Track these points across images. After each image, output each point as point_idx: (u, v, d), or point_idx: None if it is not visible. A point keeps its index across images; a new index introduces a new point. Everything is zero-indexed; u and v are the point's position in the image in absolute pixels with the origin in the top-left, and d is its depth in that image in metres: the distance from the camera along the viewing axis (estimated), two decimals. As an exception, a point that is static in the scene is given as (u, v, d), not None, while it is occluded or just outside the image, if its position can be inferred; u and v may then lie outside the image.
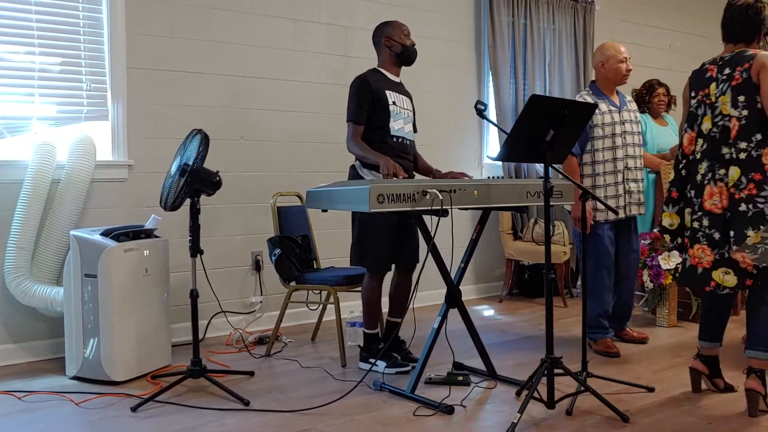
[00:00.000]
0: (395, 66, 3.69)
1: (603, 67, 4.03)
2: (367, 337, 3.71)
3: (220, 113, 4.51)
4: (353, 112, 3.55)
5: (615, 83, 4.05)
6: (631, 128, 4.03)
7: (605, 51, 4.03)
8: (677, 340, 4.28)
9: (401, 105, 3.64)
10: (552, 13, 6.02)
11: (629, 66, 4.04)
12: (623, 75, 4.02)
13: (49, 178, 3.83)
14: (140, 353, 3.56)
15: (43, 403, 3.21)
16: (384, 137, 3.56)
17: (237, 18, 4.57)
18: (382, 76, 3.65)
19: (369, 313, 3.67)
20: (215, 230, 4.48)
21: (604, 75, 4.04)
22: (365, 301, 3.67)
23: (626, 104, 4.09)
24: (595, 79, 4.11)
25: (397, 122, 3.60)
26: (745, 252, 2.90)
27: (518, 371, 3.57)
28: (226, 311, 4.43)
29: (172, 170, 3.33)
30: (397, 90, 3.66)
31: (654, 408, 3.08)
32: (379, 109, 3.55)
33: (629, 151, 4.01)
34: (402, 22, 3.70)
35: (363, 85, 3.55)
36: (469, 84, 5.72)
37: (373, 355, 3.63)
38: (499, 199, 3.25)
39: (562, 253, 5.36)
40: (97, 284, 3.45)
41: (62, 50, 4.03)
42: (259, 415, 3.03)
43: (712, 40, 7.60)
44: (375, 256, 3.57)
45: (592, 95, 4.01)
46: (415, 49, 3.67)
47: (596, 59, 4.08)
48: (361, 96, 3.53)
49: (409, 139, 3.68)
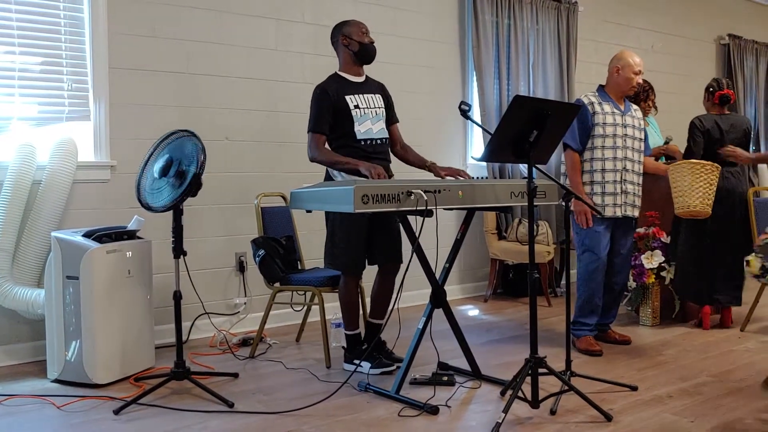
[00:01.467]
0: (355, 65, 3.65)
1: (617, 73, 4.03)
2: (349, 339, 3.71)
3: (204, 113, 4.49)
4: (313, 123, 3.54)
5: (623, 92, 4.07)
6: (633, 133, 4.05)
7: (623, 58, 4.04)
8: (660, 339, 4.31)
9: (366, 105, 3.60)
10: (536, 14, 6.04)
11: (640, 80, 4.07)
12: (632, 87, 4.05)
13: (29, 179, 3.78)
14: (123, 355, 3.53)
15: (24, 406, 3.18)
16: (351, 142, 3.56)
17: (219, 17, 4.54)
18: (342, 81, 3.61)
19: (347, 314, 3.67)
20: (199, 231, 4.46)
21: (615, 81, 4.05)
22: (342, 303, 3.67)
23: (631, 110, 4.12)
24: (605, 83, 4.11)
25: (363, 125, 3.58)
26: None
27: (503, 371, 3.57)
28: (210, 313, 4.40)
29: (155, 170, 3.29)
30: (360, 91, 3.63)
31: (637, 407, 3.10)
32: (342, 116, 3.54)
33: (629, 155, 4.02)
34: (360, 21, 3.68)
35: (321, 95, 3.53)
36: (453, 84, 5.73)
37: (358, 356, 3.63)
38: (484, 199, 3.26)
39: (546, 253, 5.38)
40: (79, 286, 3.41)
41: (43, 50, 3.99)
42: (244, 417, 3.02)
43: (693, 41, 7.69)
44: (347, 258, 3.56)
45: (597, 97, 4.04)
46: (374, 47, 3.64)
47: (613, 63, 4.07)
48: (320, 106, 3.52)
49: (380, 138, 3.64)
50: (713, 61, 7.99)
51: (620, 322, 4.70)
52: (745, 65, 8.11)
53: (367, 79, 3.71)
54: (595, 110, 3.98)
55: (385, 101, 3.74)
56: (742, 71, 8.05)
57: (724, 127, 4.53)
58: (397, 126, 3.83)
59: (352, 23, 3.65)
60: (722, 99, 4.58)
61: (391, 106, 3.78)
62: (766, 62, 8.37)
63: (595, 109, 3.98)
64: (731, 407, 3.10)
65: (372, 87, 3.71)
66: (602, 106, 4.00)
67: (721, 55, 8.03)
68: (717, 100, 4.60)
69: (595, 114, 3.97)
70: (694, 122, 4.55)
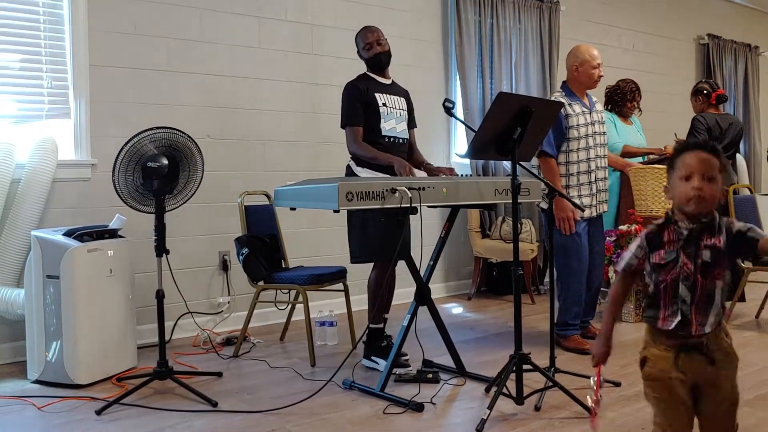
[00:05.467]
0: (376, 70, 3.74)
1: (576, 71, 4.04)
2: (372, 333, 3.69)
3: (185, 111, 4.45)
4: (347, 116, 3.63)
5: (586, 87, 4.08)
6: (599, 129, 4.09)
7: (580, 55, 4.04)
8: (642, 335, 4.33)
9: (392, 105, 3.70)
10: (518, 13, 6.07)
11: (601, 72, 4.07)
12: (595, 80, 4.06)
13: (9, 177, 3.73)
14: (105, 355, 3.50)
15: (3, 408, 3.13)
16: (376, 138, 3.62)
17: (201, 15, 4.51)
18: (371, 80, 3.72)
19: (376, 304, 3.62)
20: (181, 230, 4.42)
21: (576, 78, 4.05)
22: (373, 294, 3.65)
23: (594, 105, 4.13)
24: (567, 81, 4.12)
25: (388, 123, 3.66)
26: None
27: (487, 368, 3.58)
28: (193, 312, 4.37)
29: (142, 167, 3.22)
30: (388, 91, 3.73)
31: (620, 402, 3.13)
32: (370, 111, 3.62)
33: (598, 152, 4.06)
34: (367, 31, 3.72)
35: (352, 89, 3.64)
36: (436, 83, 5.74)
37: (377, 353, 3.63)
38: (468, 196, 3.26)
39: (530, 251, 5.41)
40: (60, 285, 3.37)
41: (22, 47, 3.94)
42: (228, 416, 3.00)
43: (673, 41, 7.77)
44: (382, 247, 3.53)
45: (565, 96, 4.03)
46: (379, 57, 3.69)
47: (570, 61, 4.08)
48: (352, 100, 3.62)
49: (402, 138, 3.74)
50: (692, 61, 8.07)
51: (601, 318, 4.73)
52: (723, 65, 8.21)
53: (393, 83, 3.80)
54: (567, 112, 3.95)
55: (408, 106, 3.83)
56: (721, 71, 8.14)
57: (724, 126, 4.66)
58: (414, 131, 3.90)
59: (362, 34, 3.73)
60: (719, 99, 4.72)
61: (412, 111, 3.87)
62: (744, 62, 8.47)
63: (568, 111, 3.96)
64: (713, 402, 3.13)
65: (398, 90, 3.81)
66: (572, 107, 3.99)
67: (700, 54, 8.12)
68: (714, 100, 4.71)
69: (568, 116, 3.95)
70: (697, 118, 4.66)
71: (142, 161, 3.20)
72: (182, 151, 3.31)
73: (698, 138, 4.60)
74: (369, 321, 3.68)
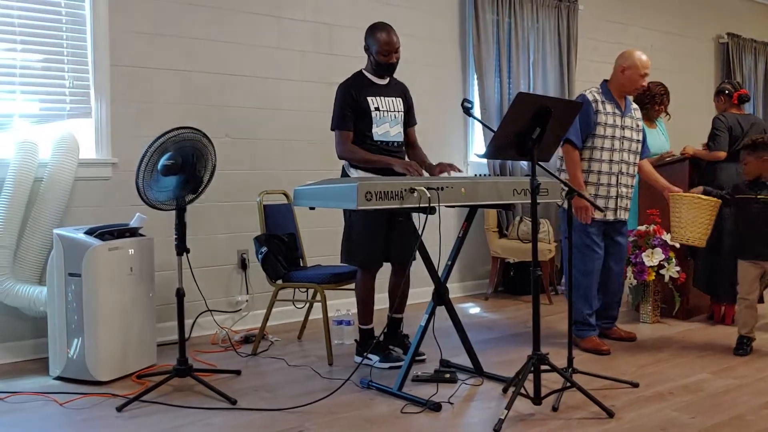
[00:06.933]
0: (377, 71, 3.70)
1: (623, 73, 3.99)
2: (362, 333, 3.73)
3: (205, 111, 4.48)
4: (337, 121, 3.62)
5: (626, 91, 4.04)
6: (630, 135, 4.03)
7: (630, 58, 3.98)
8: (660, 336, 4.32)
9: (386, 108, 3.66)
10: (536, 12, 6.05)
11: (645, 83, 4.02)
12: (636, 88, 4.02)
13: (31, 176, 3.78)
14: (125, 353, 3.53)
15: (26, 404, 3.18)
16: (367, 142, 3.61)
17: (221, 15, 4.54)
18: (365, 81, 3.67)
19: (362, 308, 3.71)
20: (201, 229, 4.45)
21: (619, 79, 4.01)
22: (358, 298, 3.71)
23: (631, 111, 4.08)
24: (609, 80, 4.07)
25: (381, 127, 3.64)
26: None
27: (505, 368, 3.58)
28: (212, 310, 4.40)
29: (159, 167, 3.25)
30: (382, 93, 3.68)
31: (639, 403, 3.11)
32: (362, 116, 3.61)
33: (625, 157, 4.01)
34: (388, 37, 3.60)
35: (344, 94, 3.62)
36: (453, 82, 5.73)
37: (372, 351, 3.65)
38: (487, 196, 3.26)
39: (548, 251, 5.39)
40: (81, 283, 3.41)
41: (44, 47, 3.99)
42: (246, 414, 3.02)
43: (692, 40, 7.70)
44: (364, 254, 3.61)
45: (600, 93, 4.00)
46: (389, 67, 3.64)
47: (619, 62, 4.03)
48: (343, 104, 3.61)
49: (396, 141, 3.71)
50: (712, 60, 8.00)
51: (621, 319, 4.70)
52: (744, 64, 8.12)
53: (390, 82, 3.75)
54: (598, 108, 3.95)
55: (405, 104, 3.79)
56: (741, 70, 8.06)
57: (745, 126, 4.61)
58: (414, 128, 3.87)
59: (378, 38, 3.59)
60: (741, 99, 4.68)
61: (410, 109, 3.83)
62: (764, 61, 8.38)
63: (599, 108, 3.95)
64: (732, 404, 3.12)
65: (394, 90, 3.75)
66: (605, 105, 3.97)
67: (720, 53, 8.04)
68: (736, 100, 4.67)
69: (597, 113, 3.94)
70: (718, 118, 4.63)
71: (163, 161, 3.24)
72: (201, 151, 3.34)
73: (720, 136, 4.55)
74: (366, 321, 3.74)
